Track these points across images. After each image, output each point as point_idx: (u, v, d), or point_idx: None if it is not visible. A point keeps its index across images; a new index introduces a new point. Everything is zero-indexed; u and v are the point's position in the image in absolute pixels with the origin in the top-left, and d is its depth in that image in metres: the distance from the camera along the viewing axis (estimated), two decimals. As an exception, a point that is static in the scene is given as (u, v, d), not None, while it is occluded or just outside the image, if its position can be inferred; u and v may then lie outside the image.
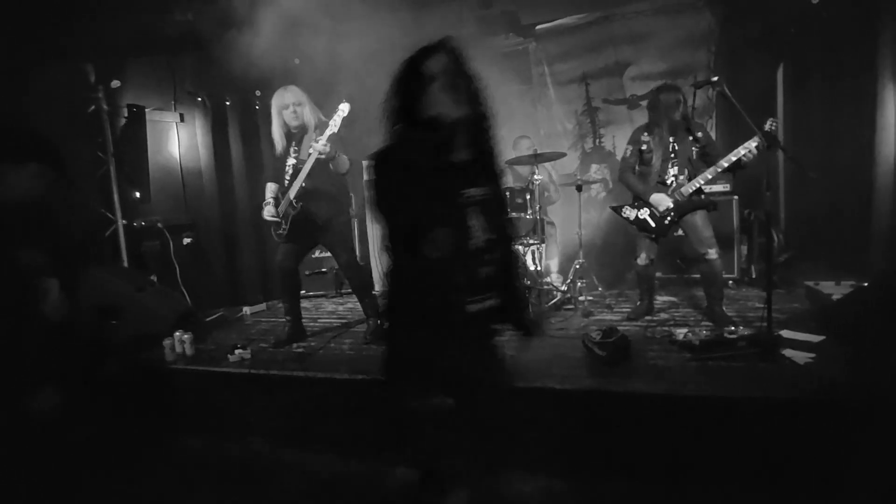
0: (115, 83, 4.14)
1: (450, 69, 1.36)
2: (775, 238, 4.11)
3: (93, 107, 4.07)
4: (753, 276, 4.19)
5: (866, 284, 3.08)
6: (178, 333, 3.22)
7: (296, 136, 3.21)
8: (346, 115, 3.05)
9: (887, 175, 3.61)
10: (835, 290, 3.26)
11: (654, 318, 3.41)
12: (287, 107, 3.12)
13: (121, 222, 4.19)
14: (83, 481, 2.39)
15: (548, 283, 4.00)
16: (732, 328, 2.79)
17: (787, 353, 2.52)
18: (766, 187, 2.71)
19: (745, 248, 4.23)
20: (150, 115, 4.39)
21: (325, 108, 3.27)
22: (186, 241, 4.60)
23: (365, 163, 5.14)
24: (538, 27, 5.18)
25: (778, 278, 3.77)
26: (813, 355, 2.48)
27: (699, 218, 3.12)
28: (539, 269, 3.92)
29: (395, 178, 1.32)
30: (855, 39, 3.81)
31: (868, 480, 1.90)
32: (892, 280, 2.69)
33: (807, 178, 3.12)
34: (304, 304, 3.58)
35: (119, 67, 4.22)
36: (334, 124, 3.02)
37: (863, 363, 2.28)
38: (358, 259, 3.74)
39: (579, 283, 3.84)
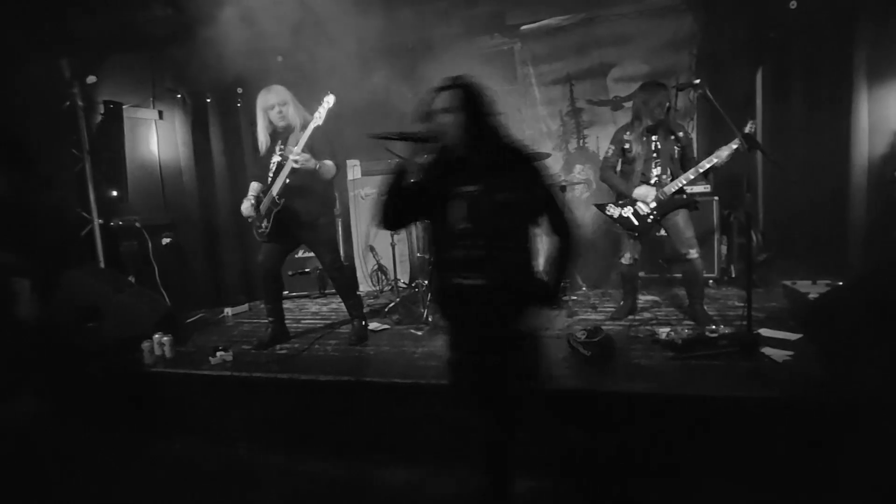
0: (91, 79, 4.04)
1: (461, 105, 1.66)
2: (754, 238, 4.19)
3: (67, 103, 3.96)
4: (733, 275, 4.27)
5: (842, 284, 3.16)
6: (157, 336, 3.16)
7: (281, 134, 3.16)
8: (331, 106, 2.99)
9: (861, 176, 3.70)
10: (811, 289, 3.33)
11: (638, 318, 3.44)
12: (272, 107, 3.08)
13: (97, 222, 4.09)
14: (60, 487, 2.32)
15: (533, 283, 4.01)
16: (713, 327, 2.84)
17: (767, 351, 2.57)
18: (746, 188, 2.76)
19: (724, 248, 4.31)
20: (128, 112, 4.29)
21: (310, 106, 3.23)
22: (166, 241, 4.51)
23: (349, 162, 5.13)
24: (523, 27, 5.20)
25: (757, 278, 3.85)
26: (791, 353, 2.53)
27: (681, 218, 3.16)
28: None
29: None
30: (832, 44, 3.90)
31: (845, 477, 1.94)
32: (866, 279, 2.76)
33: (785, 179, 3.18)
34: (287, 304, 3.54)
35: (95, 63, 4.11)
36: (319, 116, 2.98)
37: (838, 361, 2.34)
38: (342, 259, 3.70)
39: (563, 283, 3.86)
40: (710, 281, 4.17)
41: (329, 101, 2.98)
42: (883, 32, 3.55)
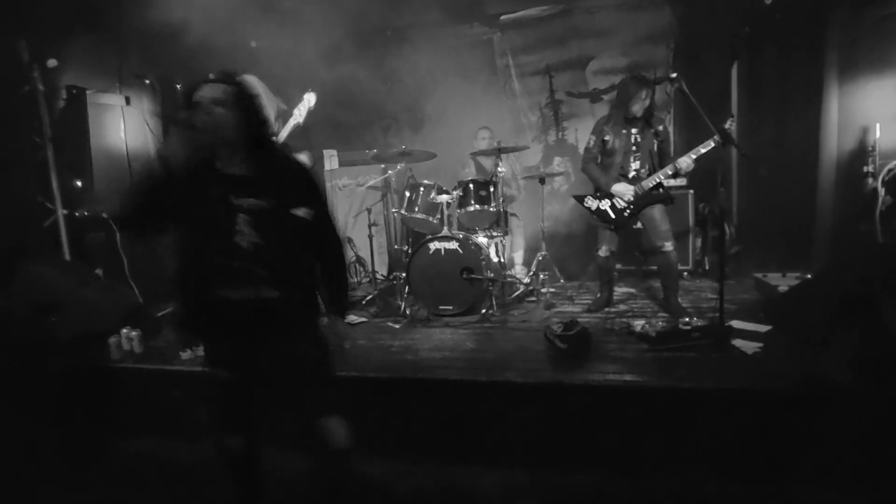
0: (52, 62, 3.84)
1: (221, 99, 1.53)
2: (727, 231, 4.28)
3: (27, 87, 3.77)
4: (707, 267, 4.35)
5: (809, 277, 3.24)
6: (125, 330, 3.05)
7: None
8: (311, 106, 2.91)
9: (830, 171, 3.80)
10: (781, 281, 3.42)
11: (614, 310, 3.48)
12: None
13: (61, 212, 3.92)
14: (22, 488, 2.24)
15: (511, 276, 4.02)
16: (687, 319, 2.88)
17: (737, 343, 2.63)
18: (720, 183, 2.80)
19: (699, 241, 4.38)
20: (93, 98, 4.09)
21: (285, 95, 3.14)
22: (135, 232, 4.35)
23: (326, 152, 5.04)
24: (503, 17, 5.15)
25: (729, 270, 3.92)
26: (760, 345, 2.59)
27: (657, 211, 3.19)
28: (503, 261, 3.93)
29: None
30: (804, 41, 3.97)
31: (811, 464, 2.00)
32: (833, 272, 2.83)
33: (758, 174, 3.24)
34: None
35: (56, 45, 3.91)
36: (299, 114, 2.91)
37: (805, 353, 2.40)
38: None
39: (541, 276, 3.87)
40: (685, 273, 4.24)
41: (309, 99, 2.91)
42: (853, 30, 3.62)
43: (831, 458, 1.97)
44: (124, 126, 4.44)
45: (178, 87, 2.13)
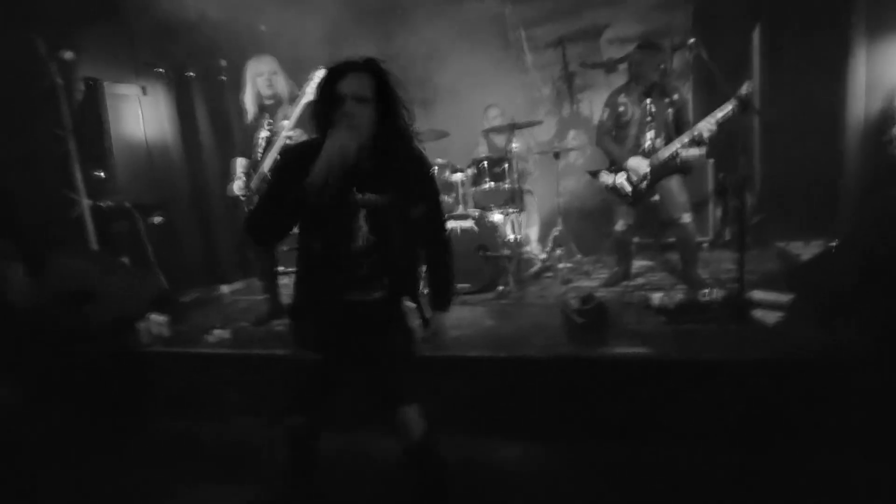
0: (69, 55, 3.90)
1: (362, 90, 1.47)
2: (748, 200, 4.18)
3: (47, 82, 3.84)
4: (727, 238, 4.27)
5: (833, 245, 3.17)
6: (153, 316, 3.16)
7: (269, 107, 3.12)
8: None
9: (855, 137, 3.66)
10: (804, 250, 3.35)
11: (632, 284, 3.46)
12: (262, 74, 3.05)
13: (86, 203, 4.03)
14: (60, 471, 2.36)
15: (527, 252, 4.02)
16: (706, 291, 2.86)
17: (758, 313, 2.60)
18: (741, 150, 2.73)
19: (719, 211, 4.30)
20: (110, 89, 4.16)
21: (296, 77, 3.14)
22: (157, 220, 4.45)
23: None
24: (513, -11, 5.03)
25: (750, 240, 3.85)
26: (782, 315, 2.56)
27: (674, 183, 3.14)
28: (518, 237, 3.93)
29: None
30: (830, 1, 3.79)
31: (835, 435, 1.99)
32: (856, 239, 2.77)
33: (781, 140, 3.15)
34: (284, 280, 3.53)
35: (70, 37, 3.96)
36: (310, 91, 2.90)
37: (828, 321, 2.37)
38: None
39: (558, 251, 3.87)
40: (704, 244, 4.18)
41: (320, 76, 2.87)
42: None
43: (852, 429, 1.96)
44: (142, 115, 4.51)
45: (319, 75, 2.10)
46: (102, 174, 4.09)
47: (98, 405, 2.68)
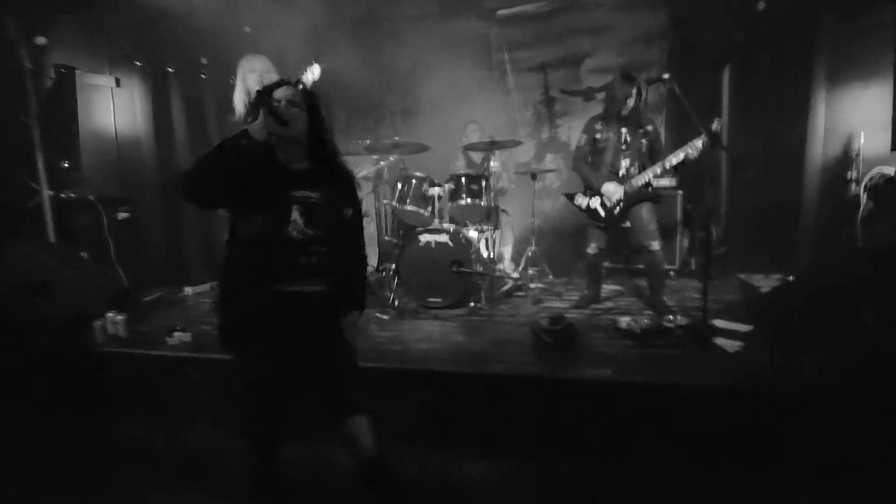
0: (41, 40, 3.77)
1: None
2: (714, 232, 4.34)
3: (13, 64, 3.69)
4: (693, 267, 4.41)
5: (792, 279, 3.31)
6: (110, 314, 3.03)
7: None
8: (316, 78, 2.79)
9: (814, 177, 3.86)
10: (764, 282, 3.49)
11: (600, 307, 3.53)
12: (254, 71, 2.99)
13: (46, 193, 3.86)
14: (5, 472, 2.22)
15: (500, 271, 4.04)
16: (671, 317, 2.93)
17: (719, 341, 2.68)
18: (708, 184, 2.84)
19: (686, 241, 4.44)
20: (82, 78, 4.03)
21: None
22: (123, 216, 4.30)
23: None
24: (499, 12, 5.16)
25: (714, 270, 3.99)
26: (742, 344, 2.65)
27: (645, 210, 3.23)
28: (492, 255, 3.96)
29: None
30: (795, 47, 4.03)
31: (790, 460, 2.05)
32: (814, 276, 2.90)
33: (745, 176, 3.28)
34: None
35: (45, 23, 3.83)
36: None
37: (784, 351, 2.46)
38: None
39: (530, 271, 3.91)
40: (672, 272, 4.31)
41: (314, 71, 2.77)
42: (842, 39, 3.68)
43: (809, 455, 2.02)
44: (114, 107, 4.38)
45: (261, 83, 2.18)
46: (67, 164, 3.94)
47: (45, 403, 2.54)
